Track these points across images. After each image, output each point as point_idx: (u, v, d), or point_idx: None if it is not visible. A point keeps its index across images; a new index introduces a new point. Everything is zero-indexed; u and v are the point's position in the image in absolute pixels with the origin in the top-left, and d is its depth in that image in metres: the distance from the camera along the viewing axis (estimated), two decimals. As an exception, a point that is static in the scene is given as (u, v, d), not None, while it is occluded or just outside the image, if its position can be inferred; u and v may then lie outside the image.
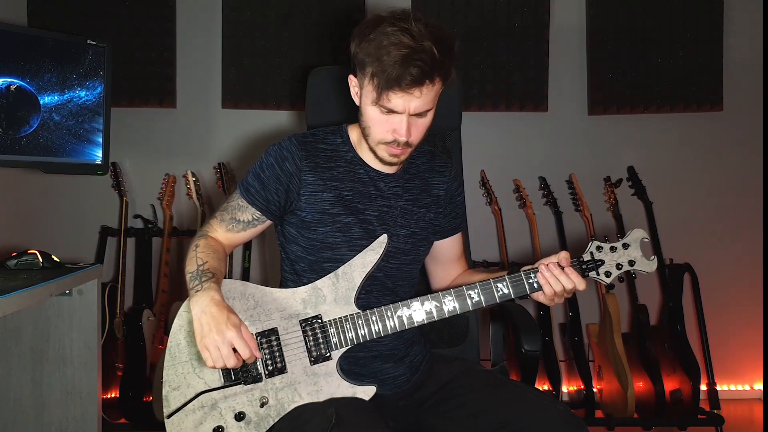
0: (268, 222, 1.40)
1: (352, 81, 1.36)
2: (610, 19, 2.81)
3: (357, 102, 1.36)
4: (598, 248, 1.34)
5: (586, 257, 1.34)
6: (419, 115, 1.29)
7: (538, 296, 1.34)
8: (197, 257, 1.32)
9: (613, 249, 1.33)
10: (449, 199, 1.50)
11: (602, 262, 1.33)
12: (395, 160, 1.36)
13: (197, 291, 1.25)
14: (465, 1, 2.77)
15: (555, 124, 2.86)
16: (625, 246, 1.33)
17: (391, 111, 1.28)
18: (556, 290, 1.30)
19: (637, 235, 1.33)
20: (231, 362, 1.19)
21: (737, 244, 2.88)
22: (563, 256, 1.32)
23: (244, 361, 1.21)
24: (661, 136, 2.88)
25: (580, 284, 1.31)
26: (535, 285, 1.32)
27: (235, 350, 1.19)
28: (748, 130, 2.86)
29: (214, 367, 1.21)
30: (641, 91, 2.82)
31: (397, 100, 1.26)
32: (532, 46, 2.79)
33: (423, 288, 1.63)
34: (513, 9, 2.78)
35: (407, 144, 1.31)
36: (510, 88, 2.80)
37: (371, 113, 1.31)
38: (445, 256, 1.55)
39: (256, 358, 1.23)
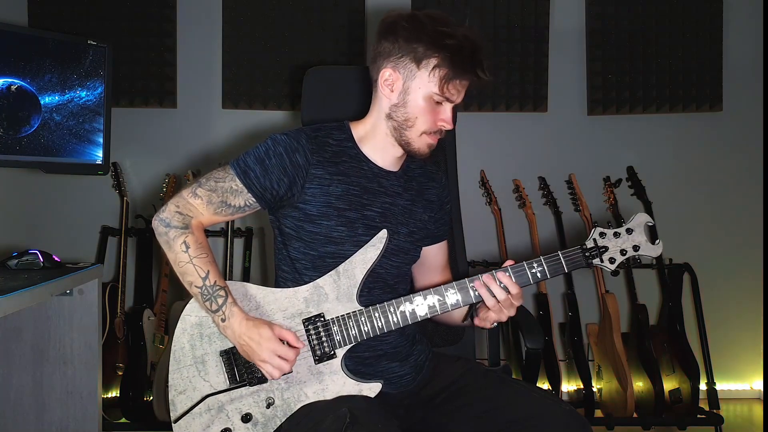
0: (257, 208, 1.37)
1: (387, 74, 1.34)
2: (610, 19, 2.81)
3: (391, 96, 1.35)
4: (602, 234, 1.31)
5: (589, 244, 1.32)
6: (458, 104, 1.36)
7: (482, 310, 1.35)
8: (195, 266, 1.29)
9: (616, 235, 1.31)
10: (440, 205, 1.52)
11: (606, 248, 1.31)
12: (430, 150, 1.39)
13: (223, 321, 1.29)
14: (465, 1, 2.77)
15: (555, 125, 2.86)
16: (629, 231, 1.31)
17: (446, 100, 1.33)
18: (500, 298, 1.31)
19: (641, 219, 1.31)
20: (286, 367, 1.26)
21: (737, 244, 2.88)
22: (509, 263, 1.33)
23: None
24: (661, 136, 2.89)
25: (513, 288, 1.30)
26: (539, 275, 1.31)
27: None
28: (747, 130, 2.86)
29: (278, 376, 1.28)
30: (641, 91, 2.82)
31: (457, 89, 1.32)
32: (532, 47, 2.80)
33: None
34: (513, 9, 2.78)
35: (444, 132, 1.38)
36: (510, 89, 2.80)
37: (421, 104, 1.33)
38: (432, 263, 1.56)
39: (299, 347, 1.30)
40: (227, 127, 2.82)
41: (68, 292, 1.80)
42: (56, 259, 1.80)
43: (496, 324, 1.37)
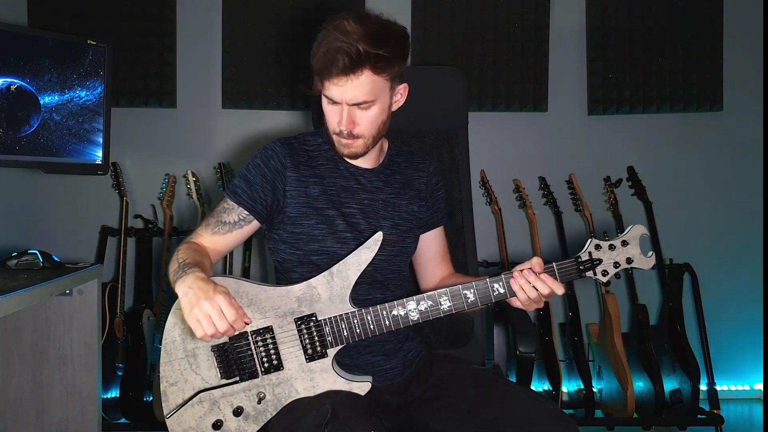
0: (255, 223, 1.42)
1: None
2: (610, 19, 2.81)
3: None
4: (597, 247, 1.31)
5: (584, 257, 1.32)
6: (360, 106, 1.34)
7: (514, 301, 1.33)
8: (178, 258, 1.33)
9: (612, 247, 1.31)
10: (430, 193, 1.55)
11: (600, 261, 1.31)
12: (346, 150, 1.41)
13: (181, 277, 1.25)
14: (465, 1, 2.77)
15: (555, 124, 2.86)
16: (624, 243, 1.31)
17: (332, 101, 1.34)
18: (531, 296, 1.30)
19: (637, 231, 1.31)
20: (222, 326, 1.16)
21: (737, 244, 2.88)
22: (535, 262, 1.30)
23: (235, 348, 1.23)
24: (661, 136, 2.88)
25: (558, 289, 1.29)
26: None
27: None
28: (748, 130, 2.86)
29: (204, 338, 1.17)
30: (641, 91, 2.82)
31: (332, 89, 1.32)
32: (532, 46, 2.79)
33: (413, 286, 1.64)
34: (513, 9, 2.78)
35: (351, 134, 1.36)
36: (510, 88, 2.80)
37: (323, 103, 1.38)
38: (427, 254, 1.57)
39: (245, 324, 1.23)
40: (227, 126, 2.82)
41: (68, 292, 1.80)
42: (56, 259, 1.80)
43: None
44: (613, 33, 2.81)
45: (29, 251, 1.75)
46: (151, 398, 2.51)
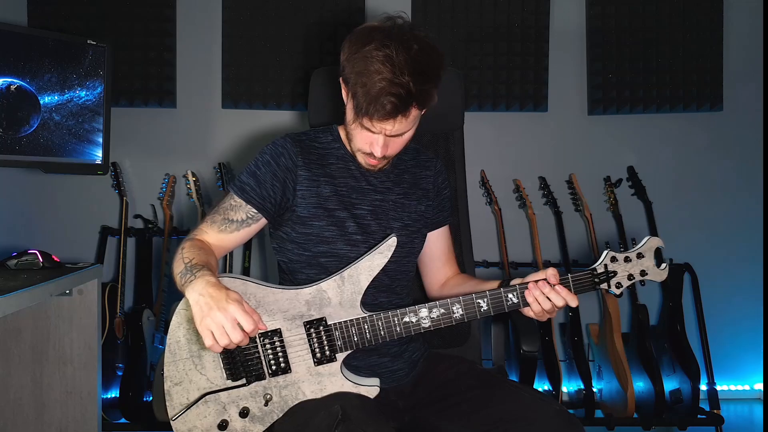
0: (262, 221, 1.40)
1: (342, 83, 1.34)
2: (610, 19, 2.81)
3: (347, 106, 1.36)
4: (613, 259, 1.31)
5: (600, 269, 1.32)
6: (396, 135, 1.31)
7: (527, 311, 1.33)
8: (183, 257, 1.30)
9: (627, 260, 1.31)
10: (436, 192, 1.53)
11: (614, 273, 1.31)
12: (372, 168, 1.40)
13: (191, 281, 1.22)
14: (465, 1, 2.77)
15: (555, 124, 2.86)
16: (640, 256, 1.31)
17: (369, 130, 1.30)
18: (545, 308, 1.30)
19: (653, 243, 1.31)
20: (236, 337, 1.14)
21: (737, 244, 2.88)
22: (551, 273, 1.30)
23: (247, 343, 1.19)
24: (661, 136, 2.88)
25: (573, 301, 1.29)
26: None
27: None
28: (748, 130, 2.86)
29: (214, 348, 1.15)
30: (641, 91, 2.82)
31: (374, 125, 1.28)
32: (532, 46, 2.80)
33: (416, 287, 1.63)
34: (513, 9, 2.78)
35: (383, 157, 1.35)
36: (510, 88, 2.80)
37: (353, 125, 1.33)
38: (433, 253, 1.56)
39: (260, 330, 1.21)
40: (227, 126, 2.82)
41: (68, 292, 1.80)
42: (56, 259, 1.80)
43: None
44: (613, 33, 2.81)
45: (29, 251, 1.75)
46: (151, 398, 2.51)
